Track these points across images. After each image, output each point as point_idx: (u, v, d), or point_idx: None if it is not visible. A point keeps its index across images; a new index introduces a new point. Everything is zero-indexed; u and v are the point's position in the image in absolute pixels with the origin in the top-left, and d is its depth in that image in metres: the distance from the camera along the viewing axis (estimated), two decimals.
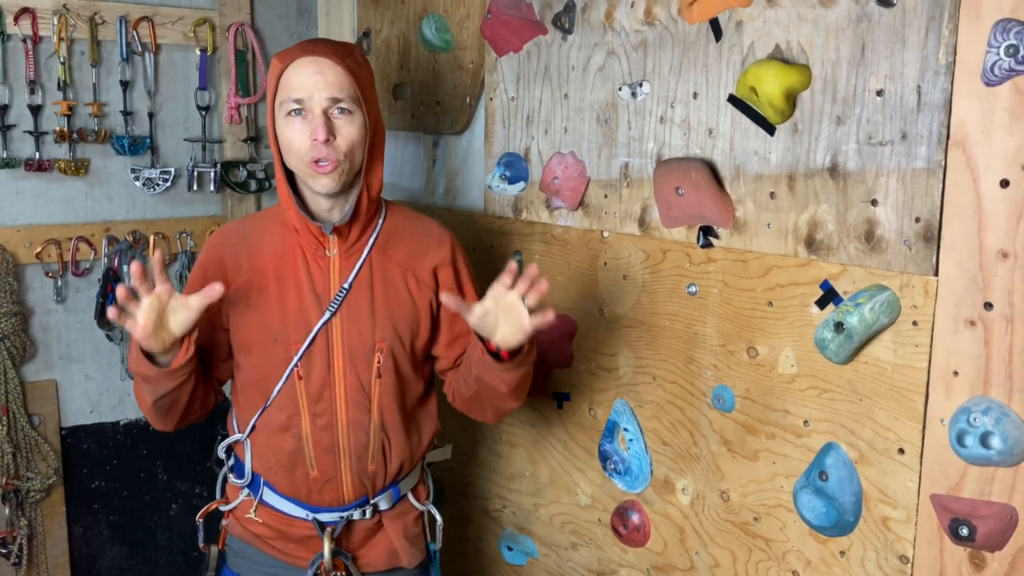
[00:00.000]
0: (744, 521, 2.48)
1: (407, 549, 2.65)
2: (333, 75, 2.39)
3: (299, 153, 2.40)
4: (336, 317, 2.49)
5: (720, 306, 2.48)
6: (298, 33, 4.22)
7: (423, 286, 2.59)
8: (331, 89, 2.39)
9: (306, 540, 2.57)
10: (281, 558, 2.60)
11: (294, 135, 2.40)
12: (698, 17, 2.45)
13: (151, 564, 4.12)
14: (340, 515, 2.56)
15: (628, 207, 2.71)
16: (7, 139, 3.56)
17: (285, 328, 2.49)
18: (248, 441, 2.58)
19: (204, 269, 2.53)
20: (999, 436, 1.89)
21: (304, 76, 2.39)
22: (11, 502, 3.62)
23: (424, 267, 2.60)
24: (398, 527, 2.64)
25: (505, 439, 3.24)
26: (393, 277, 2.56)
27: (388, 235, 2.60)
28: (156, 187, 3.86)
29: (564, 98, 2.88)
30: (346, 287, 2.50)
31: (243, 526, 2.63)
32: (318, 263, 2.51)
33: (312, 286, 2.50)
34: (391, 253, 2.58)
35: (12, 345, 3.58)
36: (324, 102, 2.38)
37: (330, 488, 2.53)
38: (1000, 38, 1.85)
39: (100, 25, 3.68)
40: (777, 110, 2.25)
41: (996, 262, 1.90)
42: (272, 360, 2.50)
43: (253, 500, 2.60)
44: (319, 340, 2.49)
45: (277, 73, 2.42)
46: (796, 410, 2.32)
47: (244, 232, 2.60)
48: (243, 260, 2.52)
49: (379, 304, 2.53)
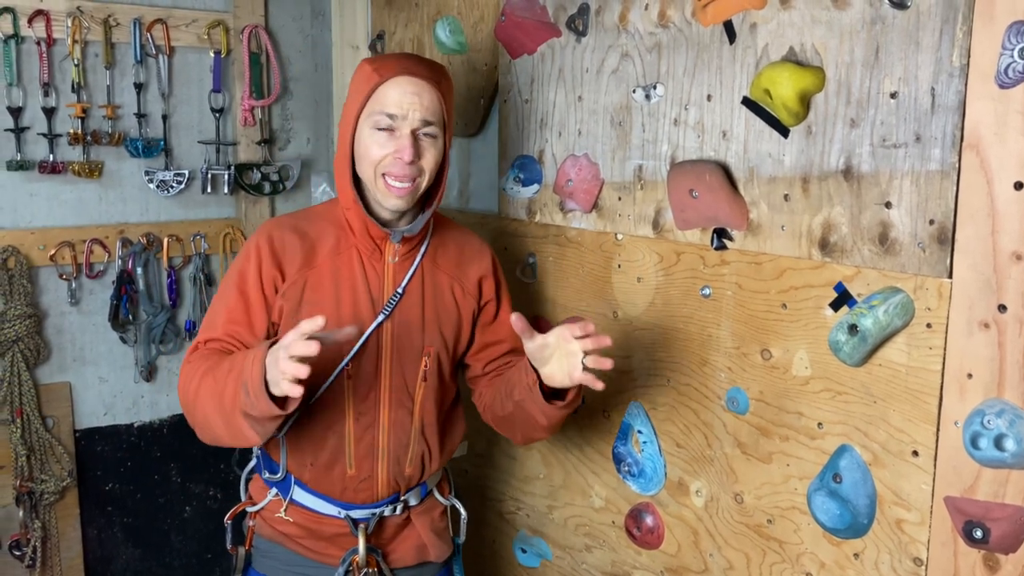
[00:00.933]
0: (758, 523, 2.48)
1: (435, 543, 2.69)
2: (430, 99, 2.43)
3: (375, 163, 2.43)
4: (388, 320, 2.52)
5: (734, 308, 2.48)
6: (312, 35, 4.22)
7: (468, 295, 2.65)
8: (425, 112, 2.42)
9: (336, 538, 2.59)
10: (311, 556, 2.62)
11: (376, 147, 2.43)
12: (712, 19, 2.45)
13: (165, 566, 4.12)
14: (372, 511, 2.58)
15: (642, 209, 2.71)
16: (21, 141, 3.56)
17: (339, 327, 2.45)
18: (283, 438, 2.57)
19: (259, 258, 2.50)
20: (1013, 438, 1.89)
21: (402, 94, 2.41)
22: (25, 504, 3.62)
23: (469, 277, 2.66)
24: (426, 522, 2.68)
25: None
26: (441, 285, 2.61)
27: (437, 245, 2.64)
28: (170, 189, 3.87)
29: (578, 100, 2.89)
30: (400, 292, 2.54)
31: (271, 526, 2.64)
32: (374, 266, 2.54)
33: (367, 288, 2.53)
34: (440, 262, 2.63)
35: (26, 347, 3.58)
36: (416, 123, 2.42)
37: (365, 487, 2.55)
38: (1014, 40, 1.85)
39: (114, 27, 3.68)
40: (791, 112, 2.25)
41: (1010, 264, 1.90)
42: (322, 358, 2.46)
43: (283, 500, 2.61)
44: (370, 342, 2.51)
45: (372, 83, 2.43)
46: (810, 412, 2.32)
47: (299, 227, 2.58)
48: (299, 254, 2.52)
49: (429, 310, 2.58)
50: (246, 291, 2.50)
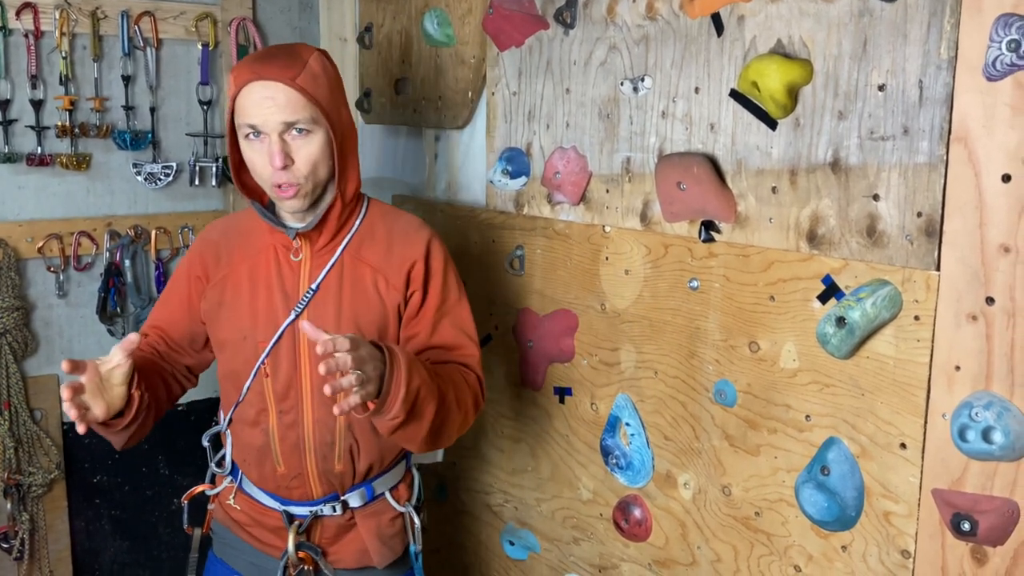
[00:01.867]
0: (746, 516, 2.48)
1: (378, 549, 2.63)
2: (285, 98, 2.33)
3: (263, 177, 2.41)
4: (302, 317, 2.50)
5: (722, 301, 2.48)
6: (300, 28, 4.21)
7: (392, 288, 2.55)
8: (283, 113, 2.33)
9: (279, 530, 2.60)
10: (258, 546, 2.64)
11: (256, 157, 2.39)
12: (700, 12, 2.45)
13: (153, 558, 4.12)
14: (309, 509, 2.58)
15: (630, 202, 2.71)
16: (9, 134, 3.55)
17: (254, 326, 2.52)
18: (228, 432, 2.65)
19: (188, 265, 2.64)
20: (1001, 431, 1.89)
21: (255, 102, 2.33)
22: (13, 497, 3.62)
23: (395, 268, 2.55)
24: (371, 526, 2.62)
25: (507, 434, 3.25)
26: (363, 278, 2.54)
27: (363, 236, 2.58)
28: (158, 182, 3.86)
29: (566, 93, 2.88)
30: (313, 288, 2.51)
31: (225, 511, 2.70)
32: (289, 263, 2.53)
33: (282, 285, 2.52)
34: (364, 254, 2.55)
35: (14, 340, 3.58)
36: (278, 126, 2.34)
37: (298, 484, 2.55)
38: (1002, 33, 1.85)
39: (102, 20, 3.67)
40: (779, 105, 2.25)
41: (997, 257, 1.90)
42: (242, 357, 2.54)
43: (234, 486, 2.66)
44: (286, 339, 2.50)
45: (232, 95, 2.38)
46: (798, 405, 2.32)
47: (227, 229, 2.65)
48: (222, 257, 2.58)
49: (346, 305, 2.52)
50: (171, 294, 2.67)
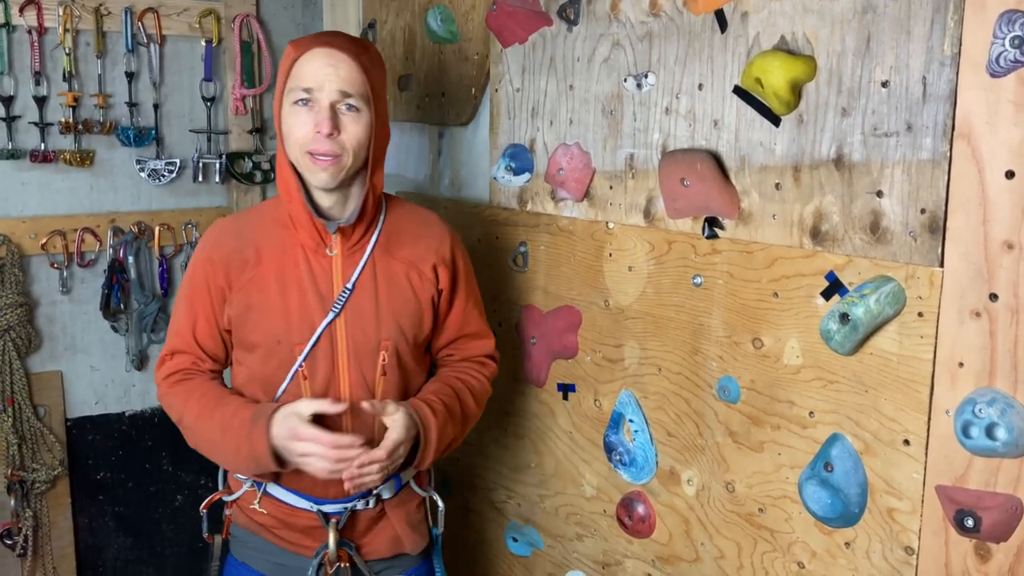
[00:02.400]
0: (749, 512, 2.48)
1: (410, 535, 2.66)
2: (347, 70, 2.36)
3: (300, 142, 2.38)
4: (340, 317, 2.48)
5: (725, 297, 2.48)
6: (303, 24, 4.21)
7: (425, 281, 2.59)
8: (342, 83, 2.36)
9: (311, 530, 2.58)
10: (286, 547, 2.61)
11: (297, 124, 2.38)
12: (703, 8, 2.45)
13: (156, 555, 4.13)
14: (344, 506, 2.57)
15: (633, 198, 2.71)
16: (12, 130, 3.56)
17: (288, 329, 2.47)
18: None
19: (206, 276, 2.52)
20: (1004, 427, 1.89)
21: (316, 67, 2.36)
22: (16, 493, 3.62)
23: (426, 263, 2.60)
24: (400, 514, 2.65)
25: (511, 430, 3.25)
26: (396, 274, 2.56)
27: (390, 232, 2.59)
28: (161, 178, 3.87)
29: (569, 89, 2.88)
30: (349, 287, 2.49)
31: (247, 515, 2.64)
32: (319, 262, 2.50)
33: (315, 286, 2.49)
34: (393, 250, 2.57)
35: (17, 336, 3.58)
36: (333, 95, 2.36)
37: (335, 482, 2.49)
38: (1005, 29, 1.85)
39: (105, 16, 3.68)
40: (782, 101, 2.25)
41: (1001, 253, 1.90)
42: (276, 360, 2.49)
43: (257, 491, 2.60)
44: (323, 340, 2.48)
45: (290, 61, 2.39)
46: (801, 401, 2.32)
47: (241, 230, 2.57)
48: (244, 258, 2.50)
49: (383, 302, 2.52)
50: (195, 304, 2.55)
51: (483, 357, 2.77)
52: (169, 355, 2.58)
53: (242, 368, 2.58)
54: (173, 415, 2.56)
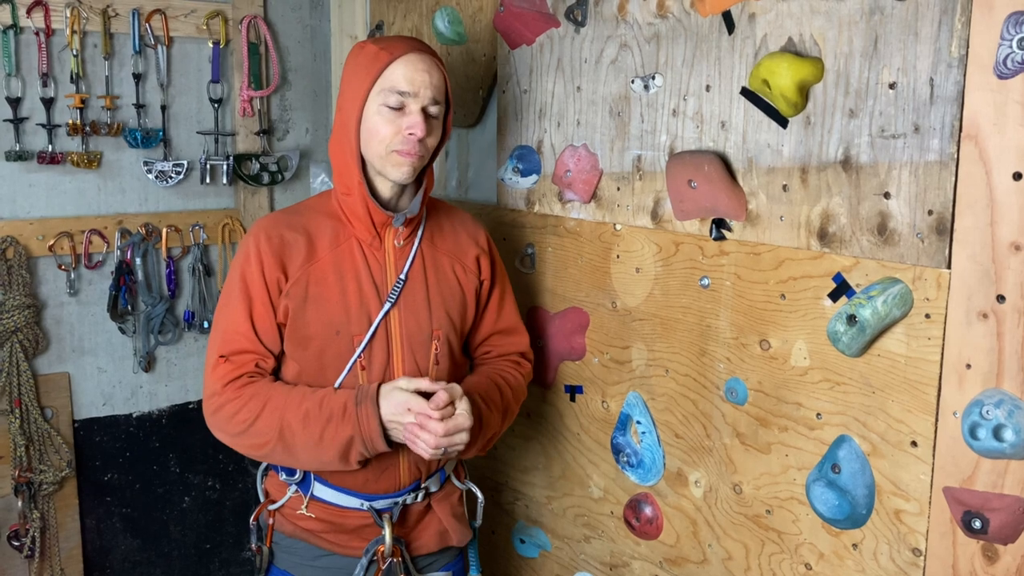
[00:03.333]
0: (757, 514, 2.48)
1: (456, 528, 2.70)
2: (438, 77, 2.47)
3: (386, 141, 2.43)
4: (395, 307, 2.52)
5: (733, 299, 2.48)
6: (311, 26, 4.22)
7: (469, 273, 2.67)
8: (434, 90, 2.44)
9: (360, 529, 2.59)
10: (335, 549, 2.61)
11: (384, 124, 2.43)
12: (711, 10, 2.45)
13: (164, 556, 4.13)
14: (395, 500, 2.59)
15: (641, 200, 2.71)
16: (20, 132, 3.56)
17: (348, 320, 2.49)
18: None
19: (260, 260, 2.49)
20: (1012, 429, 1.89)
21: (414, 72, 2.42)
22: (24, 494, 3.63)
23: (468, 256, 2.68)
24: (446, 508, 2.69)
25: (518, 432, 3.25)
26: (443, 266, 2.63)
27: (433, 227, 2.66)
28: (169, 180, 3.87)
29: (577, 91, 2.88)
30: (403, 278, 2.54)
31: (292, 522, 2.63)
32: (375, 255, 2.54)
33: (371, 277, 2.52)
34: (438, 243, 2.64)
35: (25, 338, 3.59)
36: (426, 100, 2.43)
37: (388, 476, 2.55)
38: (1013, 31, 1.85)
39: (113, 18, 3.68)
40: (790, 103, 2.25)
41: (1008, 255, 1.90)
42: (333, 352, 2.50)
43: (303, 496, 2.59)
44: (379, 330, 2.51)
45: (382, 62, 2.43)
46: (809, 403, 2.32)
47: (294, 223, 2.56)
48: (299, 250, 2.51)
49: (433, 293, 2.58)
50: (251, 297, 2.49)
51: (518, 355, 2.82)
52: (224, 359, 2.50)
53: (292, 365, 2.55)
54: (238, 421, 2.45)
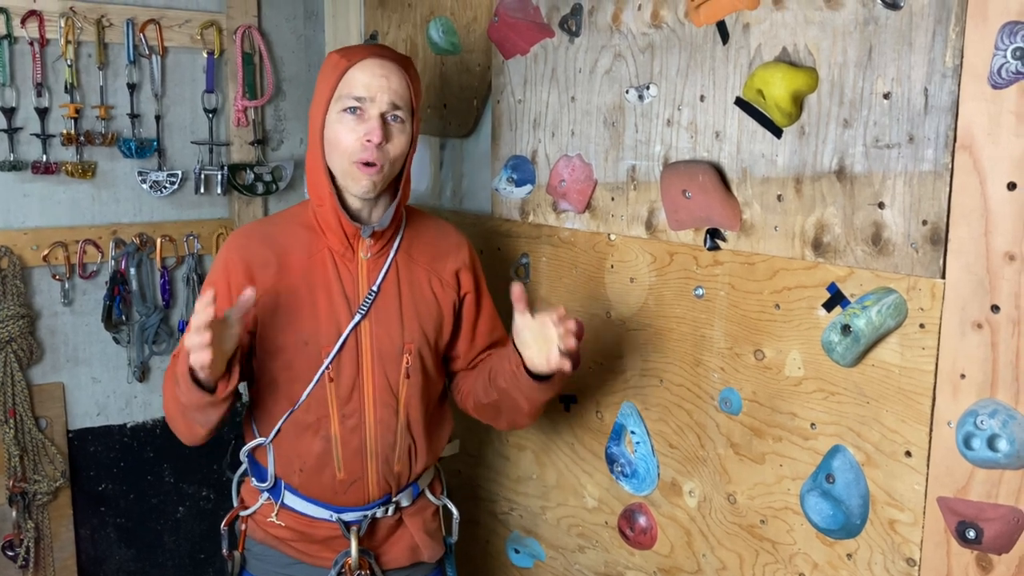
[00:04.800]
0: (751, 524, 2.48)
1: (428, 543, 2.68)
2: (397, 82, 2.43)
3: (348, 151, 2.41)
4: (366, 320, 2.51)
5: (727, 309, 2.48)
6: (305, 36, 4.22)
7: (447, 287, 2.64)
8: (393, 95, 2.42)
9: (329, 540, 2.58)
10: (304, 559, 2.61)
11: (345, 132, 2.41)
12: (705, 20, 2.45)
13: (158, 567, 4.12)
14: (364, 514, 2.57)
15: (635, 210, 2.71)
16: (14, 142, 3.56)
17: (316, 331, 2.49)
18: (270, 445, 2.57)
19: (227, 271, 2.50)
20: (1006, 439, 1.89)
21: (370, 76, 2.41)
22: (18, 505, 3.62)
23: (446, 269, 2.65)
24: (418, 523, 2.67)
25: (512, 442, 3.24)
26: (419, 279, 2.60)
27: (411, 239, 2.63)
28: (163, 190, 3.87)
29: (571, 101, 2.89)
30: (375, 290, 2.52)
31: (263, 529, 2.63)
32: (347, 266, 2.52)
33: (342, 289, 2.51)
34: (415, 256, 2.61)
35: (19, 348, 3.58)
36: (384, 105, 2.41)
37: (356, 489, 2.54)
38: (1007, 41, 1.85)
39: (107, 28, 3.68)
40: (784, 113, 2.25)
41: (1003, 265, 1.90)
42: (302, 363, 2.50)
43: (274, 504, 2.60)
44: (349, 342, 2.49)
45: (340, 69, 2.43)
46: (803, 413, 2.32)
47: (267, 233, 2.57)
48: (271, 262, 2.50)
49: (407, 306, 2.56)
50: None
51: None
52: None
53: (263, 375, 2.57)
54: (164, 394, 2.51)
